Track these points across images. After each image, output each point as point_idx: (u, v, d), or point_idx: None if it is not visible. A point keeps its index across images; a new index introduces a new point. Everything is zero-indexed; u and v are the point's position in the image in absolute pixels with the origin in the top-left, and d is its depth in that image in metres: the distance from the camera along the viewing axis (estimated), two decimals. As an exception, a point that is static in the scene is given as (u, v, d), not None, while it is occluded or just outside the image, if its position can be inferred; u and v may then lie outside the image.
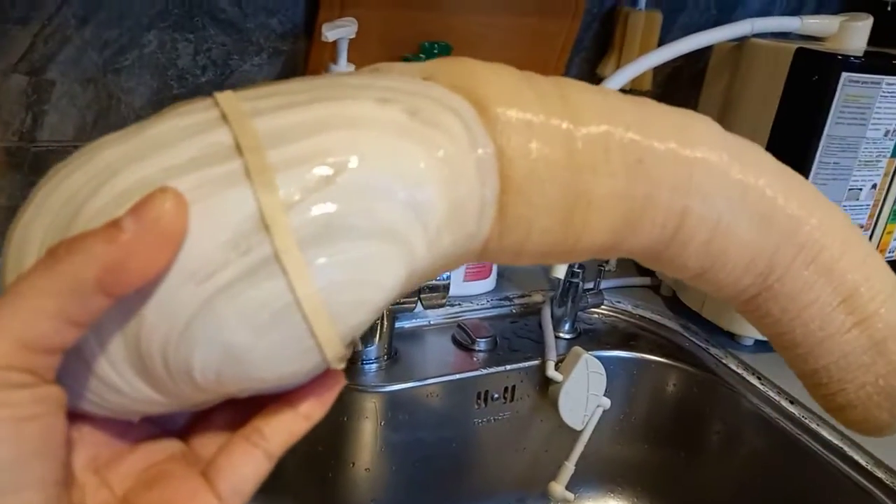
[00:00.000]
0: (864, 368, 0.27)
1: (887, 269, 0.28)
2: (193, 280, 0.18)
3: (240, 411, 0.23)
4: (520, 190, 0.22)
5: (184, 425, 0.25)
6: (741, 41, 0.69)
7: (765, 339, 0.69)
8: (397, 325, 0.68)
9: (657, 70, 0.79)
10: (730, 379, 0.68)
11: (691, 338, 0.73)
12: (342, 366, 0.22)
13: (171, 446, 0.23)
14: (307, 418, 0.23)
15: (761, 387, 0.66)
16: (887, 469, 0.56)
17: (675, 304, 0.78)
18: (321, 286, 0.19)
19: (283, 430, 0.22)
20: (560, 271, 0.64)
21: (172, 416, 0.24)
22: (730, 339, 0.72)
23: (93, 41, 0.58)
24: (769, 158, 0.27)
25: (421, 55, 0.64)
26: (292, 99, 0.21)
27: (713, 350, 0.71)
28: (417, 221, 0.21)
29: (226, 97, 0.21)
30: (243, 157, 0.19)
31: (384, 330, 0.65)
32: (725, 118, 0.70)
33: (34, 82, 0.58)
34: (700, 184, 0.24)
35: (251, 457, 0.22)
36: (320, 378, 0.22)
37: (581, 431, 0.66)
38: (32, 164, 0.60)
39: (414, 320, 0.71)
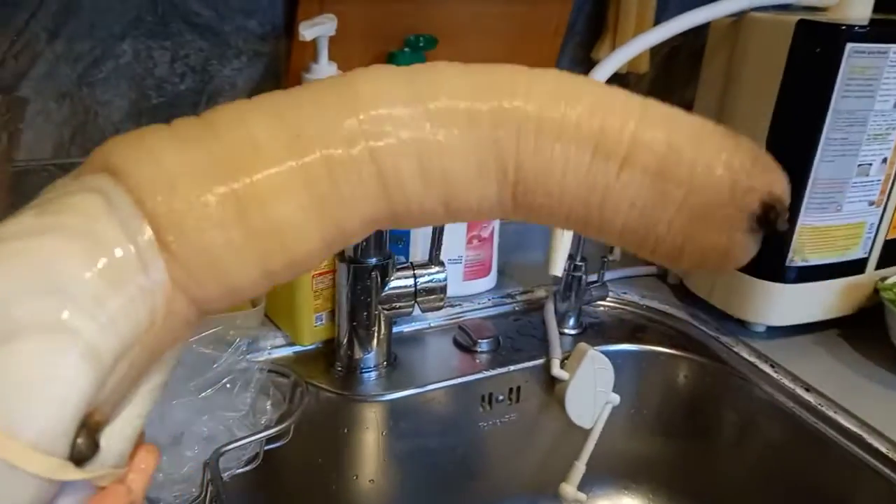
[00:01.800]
0: (661, 205, 0.24)
1: (622, 94, 0.25)
2: None
3: None
4: (174, 230, 0.22)
5: None
6: (739, 16, 0.66)
7: (777, 325, 0.67)
8: (395, 329, 0.66)
9: (655, 50, 0.76)
10: (742, 368, 0.66)
11: (700, 327, 0.71)
12: (82, 473, 0.20)
13: None
14: None
15: (775, 375, 0.64)
16: (910, 456, 0.54)
17: (682, 292, 0.75)
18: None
19: None
20: (558, 269, 0.62)
21: None
22: (740, 327, 0.69)
23: (65, 55, 0.56)
24: (445, 69, 0.25)
25: (406, 49, 0.62)
26: None
27: (723, 338, 0.69)
28: (64, 302, 0.20)
29: None
30: None
31: (382, 335, 0.63)
32: (727, 96, 0.68)
33: (7, 101, 0.56)
34: (372, 127, 0.23)
35: None
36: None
37: (590, 429, 0.64)
38: (12, 184, 0.59)
39: (413, 324, 0.69)
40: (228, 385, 0.53)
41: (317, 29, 0.54)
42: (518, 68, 0.25)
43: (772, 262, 0.65)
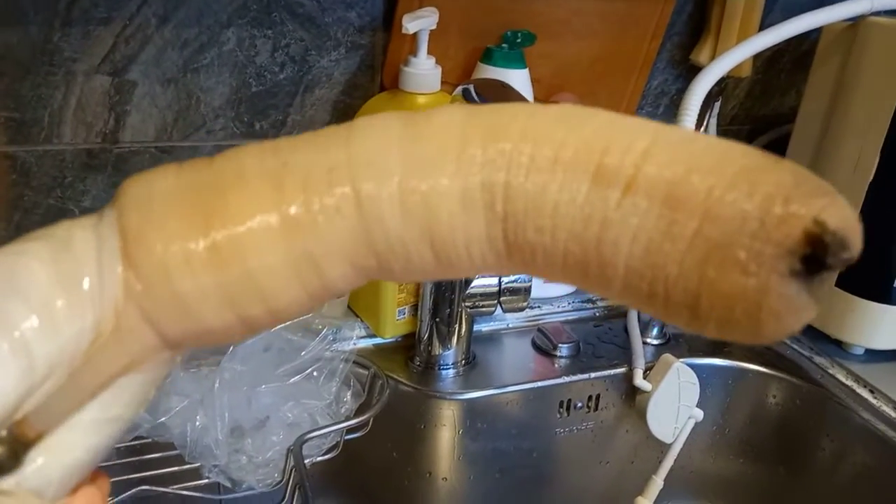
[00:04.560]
0: (669, 239, 0.19)
1: (634, 120, 0.21)
2: None
3: None
4: (140, 252, 0.21)
5: None
6: (856, 20, 0.62)
7: (879, 348, 0.63)
8: (474, 328, 0.65)
9: (755, 54, 0.73)
10: (838, 391, 0.62)
11: (793, 345, 0.68)
12: None
13: None
14: None
15: (874, 401, 0.61)
16: None
17: (773, 307, 0.72)
18: None
19: None
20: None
21: None
22: (837, 348, 0.66)
23: (173, 41, 0.58)
24: (449, 111, 0.22)
25: (503, 45, 0.61)
26: None
27: (818, 359, 0.65)
28: (6, 294, 0.19)
29: None
30: None
31: (462, 333, 0.62)
32: (837, 107, 0.64)
33: (116, 83, 0.58)
34: (357, 168, 0.21)
35: None
36: None
37: (671, 444, 0.62)
38: (115, 165, 0.61)
39: (491, 323, 0.69)
40: (315, 373, 0.53)
41: (419, 22, 0.54)
42: (524, 105, 0.22)
43: (876, 281, 0.62)
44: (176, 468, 0.51)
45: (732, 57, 0.57)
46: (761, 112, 0.79)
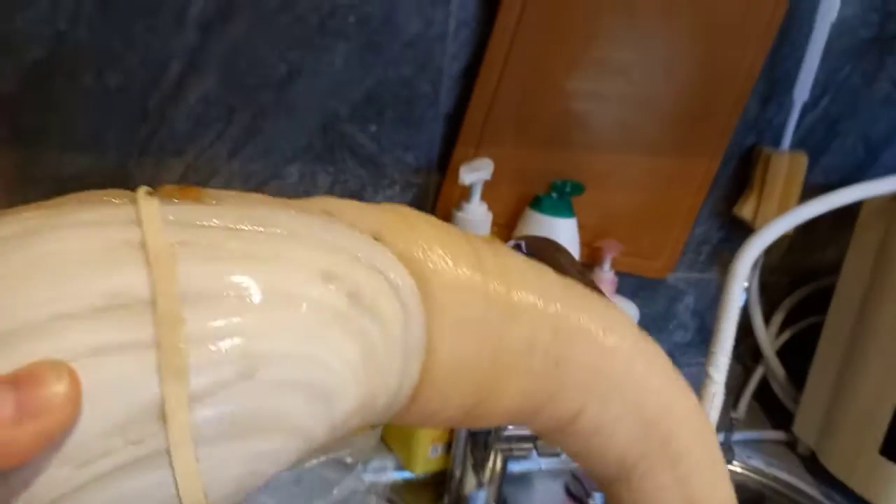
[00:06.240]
0: None
1: (728, 484, 0.29)
2: (72, 463, 0.16)
3: None
4: (438, 386, 0.22)
5: None
6: (899, 192, 0.63)
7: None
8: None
9: (798, 210, 0.74)
10: (883, 570, 0.60)
11: (837, 511, 0.65)
12: None
13: None
14: None
15: (923, 585, 0.58)
16: None
17: (814, 466, 0.70)
18: (206, 483, 0.18)
19: None
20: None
21: None
22: (882, 520, 0.64)
23: (239, 173, 0.61)
24: (663, 361, 0.27)
25: (552, 193, 0.63)
26: (228, 244, 0.19)
27: (862, 530, 0.63)
28: (326, 415, 0.20)
29: (150, 213, 0.18)
30: (157, 326, 0.17)
31: (495, 475, 0.61)
32: (877, 278, 0.65)
33: (182, 208, 0.61)
34: (602, 388, 0.25)
35: None
36: None
37: None
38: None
39: (523, 463, 0.67)
40: (347, 516, 0.53)
41: (476, 175, 0.56)
42: (692, 398, 0.28)
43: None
44: None
45: (780, 225, 0.58)
46: (802, 265, 0.80)
